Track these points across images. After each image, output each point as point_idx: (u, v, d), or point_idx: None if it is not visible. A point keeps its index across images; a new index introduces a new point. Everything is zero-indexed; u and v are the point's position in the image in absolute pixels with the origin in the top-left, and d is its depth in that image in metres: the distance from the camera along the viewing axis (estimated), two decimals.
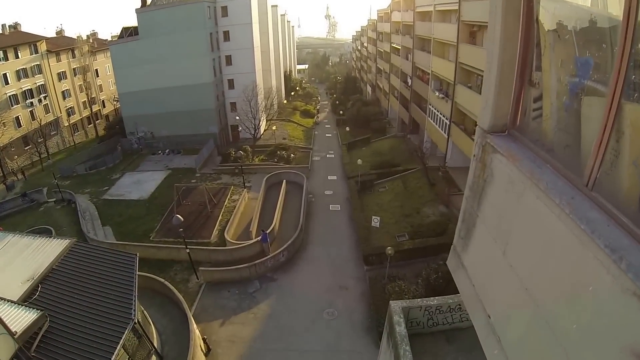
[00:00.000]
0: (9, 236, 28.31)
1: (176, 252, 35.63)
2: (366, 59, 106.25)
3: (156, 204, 47.83)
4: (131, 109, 70.89)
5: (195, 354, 23.88)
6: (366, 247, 32.09)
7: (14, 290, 22.14)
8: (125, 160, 65.99)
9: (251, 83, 64.73)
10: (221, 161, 60.31)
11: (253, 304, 29.92)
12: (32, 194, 55.57)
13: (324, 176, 53.71)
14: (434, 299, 12.10)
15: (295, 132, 75.72)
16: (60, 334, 20.01)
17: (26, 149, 74.84)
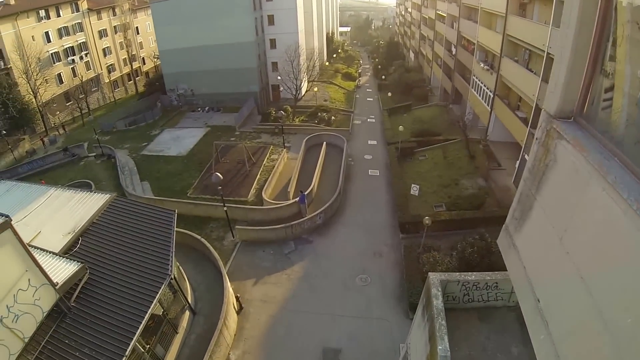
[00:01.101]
0: (52, 189, 28.96)
1: (213, 209, 36.10)
2: (410, 24, 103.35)
3: (194, 160, 48.42)
4: (171, 67, 71.52)
5: (228, 312, 24.33)
6: (403, 215, 31.84)
7: (56, 242, 22.90)
8: (164, 117, 67.10)
9: (293, 43, 64.10)
10: (261, 120, 60.51)
11: (287, 265, 30.09)
12: (73, 148, 57.28)
13: (364, 140, 53.16)
14: (471, 274, 11.93)
15: (336, 94, 74.91)
16: (99, 286, 20.72)
17: (68, 104, 77.35)
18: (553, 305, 4.34)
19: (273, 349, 23.62)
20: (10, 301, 16.44)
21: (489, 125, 41.47)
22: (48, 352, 17.88)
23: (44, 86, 68.99)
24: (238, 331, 25.07)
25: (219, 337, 22.67)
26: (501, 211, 29.91)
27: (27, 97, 67.32)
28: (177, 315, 24.23)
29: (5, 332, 16.22)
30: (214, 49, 65.99)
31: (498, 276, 11.65)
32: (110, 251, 22.80)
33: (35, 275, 17.48)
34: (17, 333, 16.74)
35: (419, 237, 28.67)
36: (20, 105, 65.15)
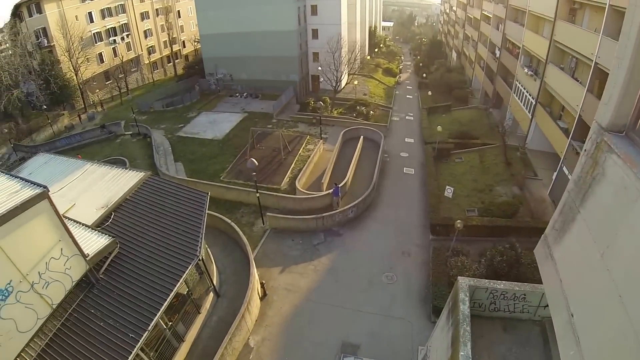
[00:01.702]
0: (88, 164, 29.71)
1: (245, 194, 36.39)
2: (454, 23, 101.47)
3: (230, 145, 48.84)
4: (211, 51, 72.17)
5: (252, 297, 24.53)
6: (435, 216, 31.49)
7: (89, 215, 23.52)
8: (202, 100, 67.88)
9: (336, 35, 63.69)
10: (299, 110, 60.59)
11: (315, 256, 30.12)
12: (110, 126, 58.87)
13: (401, 137, 52.62)
14: (500, 282, 11.79)
15: (376, 89, 74.40)
16: (128, 261, 21.25)
17: (107, 83, 79.65)
18: (587, 321, 4.27)
19: (292, 338, 23.72)
20: (42, 268, 17.02)
21: (528, 132, 40.45)
22: (74, 319, 18.47)
23: (85, 65, 71.49)
24: (260, 317, 25.27)
25: (241, 321, 22.94)
26: (534, 222, 29.41)
27: (69, 75, 69.93)
28: (201, 296, 24.65)
29: (35, 297, 16.82)
30: (255, 35, 66.24)
31: (527, 288, 11.51)
32: (141, 228, 23.29)
33: (67, 245, 18.03)
34: (46, 299, 17.33)
35: (449, 240, 28.37)
36: (61, 82, 67.81)
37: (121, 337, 17.83)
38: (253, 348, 23.36)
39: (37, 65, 66.52)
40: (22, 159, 50.77)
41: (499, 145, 41.86)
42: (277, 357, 22.77)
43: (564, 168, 29.27)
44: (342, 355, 22.27)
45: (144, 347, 18.81)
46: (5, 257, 15.52)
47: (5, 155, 56.85)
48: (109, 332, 18.05)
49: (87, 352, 17.38)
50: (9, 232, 15.55)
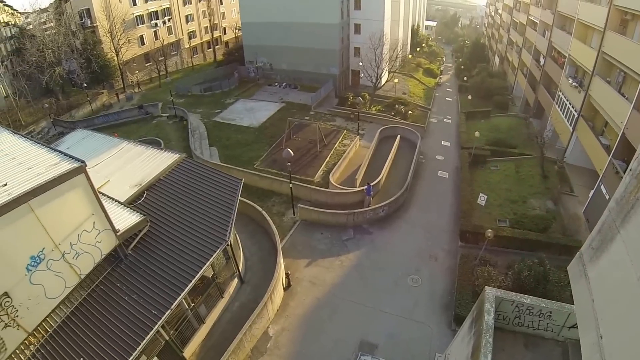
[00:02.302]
0: (124, 143, 30.56)
1: (278, 184, 36.70)
2: (499, 27, 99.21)
3: (266, 133, 49.13)
4: (252, 39, 72.58)
5: (276, 287, 24.79)
6: (466, 223, 31.03)
7: (122, 192, 24.25)
8: (240, 87, 68.49)
9: (378, 31, 63.22)
10: (337, 103, 60.52)
11: (342, 251, 30.20)
12: (148, 107, 60.20)
13: (437, 140, 52.20)
14: (527, 297, 11.61)
15: (415, 89, 73.94)
16: (157, 240, 21.80)
17: (147, 65, 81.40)
18: (616, 344, 4.20)
19: (312, 331, 23.92)
20: (74, 239, 17.67)
21: (568, 146, 39.28)
22: (100, 291, 19.15)
23: (126, 46, 73.51)
24: (282, 307, 25.52)
25: (263, 309, 23.26)
26: (565, 239, 28.71)
27: (110, 55, 71.95)
28: (225, 280, 25.07)
29: (65, 266, 17.51)
30: (297, 26, 66.28)
31: (553, 306, 11.30)
32: (172, 209, 23.81)
33: (100, 219, 18.61)
34: (75, 269, 18.02)
35: (478, 249, 28.08)
36: (102, 61, 69.89)
37: (144, 312, 18.38)
38: (272, 337, 23.58)
39: (80, 44, 68.66)
40: (60, 134, 52.60)
41: (536, 157, 41.05)
42: (295, 348, 22.92)
43: (602, 187, 28.19)
44: (359, 354, 22.34)
45: (165, 325, 19.33)
46: (40, 226, 16.18)
47: (44, 129, 58.83)
48: (133, 306, 18.63)
49: (109, 324, 18.03)
50: (45, 202, 16.18)
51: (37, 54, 62.22)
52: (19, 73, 63.54)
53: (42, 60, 62.79)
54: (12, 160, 18.45)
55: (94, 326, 17.99)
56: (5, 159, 18.66)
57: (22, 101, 63.70)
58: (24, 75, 63.54)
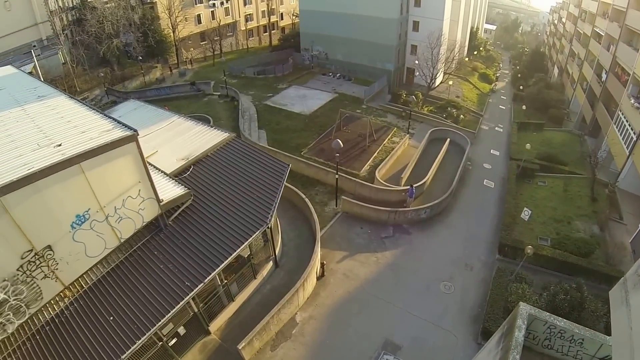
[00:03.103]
0: (175, 117, 31.49)
1: (323, 173, 36.95)
2: (561, 36, 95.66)
3: (316, 122, 49.30)
4: (309, 27, 72.97)
5: (310, 275, 25.07)
6: (506, 236, 30.49)
7: (169, 164, 25.11)
8: (294, 74, 68.84)
9: (437, 30, 62.55)
10: (390, 100, 60.20)
11: (380, 248, 30.20)
12: (200, 84, 61.28)
13: (487, 148, 51.32)
14: (561, 320, 11.21)
15: (469, 93, 72.87)
16: (198, 214, 22.49)
17: (202, 43, 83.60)
18: None
19: (338, 323, 24.10)
20: (119, 204, 18.52)
21: (622, 170, 38.08)
22: (137, 256, 20.04)
23: (183, 23, 75.88)
24: (312, 296, 25.80)
25: (294, 295, 23.61)
26: (607, 268, 27.71)
27: (166, 31, 74.27)
28: (260, 262, 25.53)
29: (107, 228, 18.38)
30: (355, 18, 66.11)
31: (587, 333, 10.94)
32: (217, 185, 24.50)
33: (145, 188, 19.39)
34: (116, 232, 18.88)
35: (515, 264, 27.70)
36: (158, 37, 72.41)
37: (177, 282, 19.08)
38: (298, 323, 23.92)
39: (138, 19, 71.37)
40: (113, 102, 54.90)
41: (587, 177, 40.03)
42: (319, 338, 23.23)
43: None
44: (382, 353, 22.46)
45: (195, 297, 19.97)
46: (89, 188, 17.03)
47: (98, 97, 61.29)
48: (167, 275, 19.36)
49: (142, 289, 18.86)
50: (96, 165, 16.98)
51: (96, 25, 64.86)
52: (77, 42, 66.38)
53: (100, 32, 65.31)
54: (67, 123, 19.42)
55: (127, 288, 18.87)
56: (61, 121, 19.67)
57: (79, 69, 66.37)
58: (83, 45, 66.16)
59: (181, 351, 21.32)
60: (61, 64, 64.74)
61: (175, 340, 20.60)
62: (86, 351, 16.60)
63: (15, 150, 16.91)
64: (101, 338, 17.11)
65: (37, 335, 16.98)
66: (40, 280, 16.79)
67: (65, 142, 17.25)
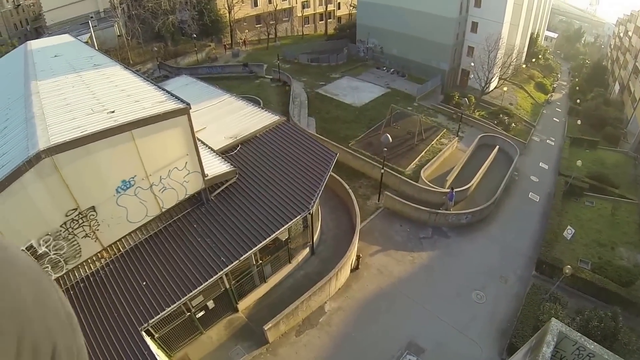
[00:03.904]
0: (226, 95, 32.11)
1: (369, 167, 37.22)
2: (625, 51, 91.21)
3: (366, 115, 49.34)
4: (366, 19, 72.54)
5: (345, 265, 25.37)
6: (545, 253, 29.90)
7: (217, 141, 25.61)
8: (348, 64, 68.81)
9: (496, 33, 60.60)
10: (442, 100, 59.40)
11: (417, 248, 30.29)
12: (253, 66, 62.09)
13: (536, 160, 50.09)
14: (592, 342, 11.03)
15: (523, 102, 71.02)
16: (241, 193, 22.98)
17: (257, 26, 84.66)
18: None
19: (366, 318, 24.29)
20: (165, 174, 19.14)
21: None
22: (176, 227, 20.63)
23: (239, 5, 77.07)
24: (344, 287, 26.11)
25: (326, 284, 23.93)
26: None
27: (222, 11, 75.88)
28: (297, 247, 25.87)
29: (150, 196, 19.05)
30: (413, 14, 65.29)
31: None
32: (262, 167, 24.91)
33: (192, 161, 19.93)
34: (158, 201, 19.54)
35: (551, 283, 27.23)
36: (214, 16, 74.30)
37: (213, 257, 19.61)
38: (326, 312, 24.27)
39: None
40: (165, 77, 56.76)
41: (637, 203, 38.85)
42: (345, 329, 23.48)
43: None
44: (405, 353, 22.58)
45: (229, 273, 20.44)
46: (137, 155, 17.64)
47: (150, 70, 63.16)
48: (204, 249, 19.90)
49: (177, 259, 19.46)
50: (146, 134, 17.55)
51: (153, 1, 66.89)
52: (134, 16, 68.56)
53: (157, 7, 67.51)
54: (121, 91, 20.20)
55: (162, 257, 19.49)
56: (115, 89, 20.50)
57: (133, 42, 69.25)
58: (138, 19, 68.61)
59: (207, 324, 22.02)
60: (116, 36, 67.40)
61: (203, 313, 21.19)
62: (116, 311, 17.39)
63: (70, 114, 17.61)
64: (132, 301, 17.82)
65: (71, 291, 17.77)
66: (81, 238, 17.51)
67: (118, 110, 17.91)
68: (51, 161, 15.23)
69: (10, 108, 20.35)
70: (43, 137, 15.49)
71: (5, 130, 18.18)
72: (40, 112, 17.60)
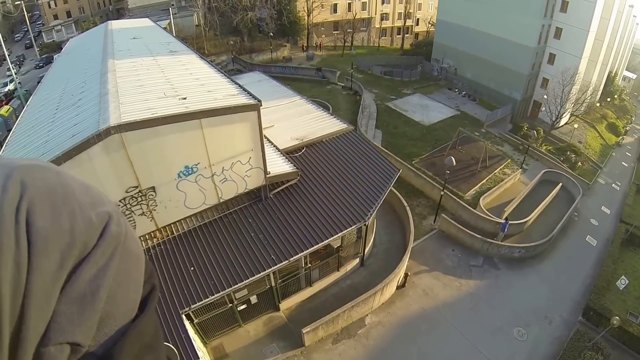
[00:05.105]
0: (297, 97, 32.73)
1: (429, 187, 37.45)
2: None
3: (433, 135, 49.54)
4: (444, 38, 72.61)
5: (392, 281, 25.60)
6: (595, 300, 29.24)
7: (283, 141, 26.05)
8: (420, 82, 68.82)
9: (573, 67, 59.16)
10: (510, 130, 58.83)
11: (465, 275, 30.09)
12: (326, 71, 62.86)
13: (598, 203, 48.82)
14: None
15: (593, 141, 69.14)
16: (300, 194, 23.34)
17: (334, 32, 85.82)
18: None
19: (404, 336, 24.33)
20: (227, 166, 19.69)
21: None
22: (231, 219, 21.25)
23: (319, 9, 78.09)
24: (387, 303, 26.18)
25: (371, 297, 24.00)
26: None
27: (301, 13, 77.57)
28: (347, 257, 25.90)
29: (210, 185, 19.65)
30: (492, 39, 64.88)
31: None
32: (324, 172, 25.26)
33: (256, 157, 20.42)
34: (218, 191, 20.11)
35: (596, 332, 26.45)
36: (293, 17, 76.07)
37: (263, 253, 19.98)
38: (366, 325, 24.39)
39: None
40: (238, 71, 58.89)
41: None
42: (382, 345, 23.60)
43: None
44: None
45: (276, 272, 20.81)
46: (203, 144, 18.26)
47: (223, 62, 65.45)
48: (255, 244, 20.36)
49: (228, 250, 20.06)
50: (215, 124, 18.16)
51: None
52: (213, 8, 71.44)
53: (238, 3, 69.95)
54: (195, 80, 21.02)
55: (213, 246, 20.07)
56: (190, 77, 21.36)
57: (210, 33, 71.93)
58: (218, 11, 71.21)
59: (247, 318, 22.47)
60: (194, 25, 70.45)
61: (245, 307, 21.55)
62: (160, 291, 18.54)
63: (143, 95, 18.23)
64: (177, 283, 18.33)
65: None
66: (137, 216, 17.96)
67: (190, 97, 18.45)
68: (120, 138, 15.67)
69: (87, 82, 21.40)
70: (115, 113, 16.01)
71: (79, 102, 19.07)
72: (114, 89, 18.25)
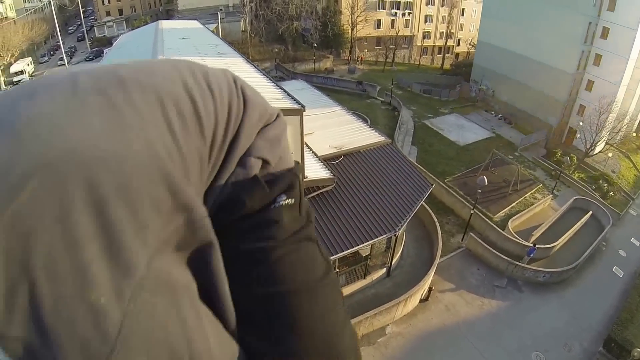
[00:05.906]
0: (338, 107, 33.83)
1: (460, 206, 38.03)
2: None
3: (466, 155, 50.12)
4: (484, 60, 72.29)
5: (416, 294, 26.27)
6: (617, 331, 29.08)
7: (322, 148, 26.59)
8: (458, 102, 69.04)
9: (610, 95, 57.77)
10: (544, 155, 58.31)
11: (488, 294, 30.28)
12: (366, 85, 63.91)
13: (628, 234, 47.50)
14: None
15: (627, 172, 67.23)
16: (334, 201, 23.80)
17: (376, 48, 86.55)
18: None
19: (422, 349, 24.68)
20: None
21: None
22: None
23: (363, 24, 79.68)
24: (409, 314, 26.65)
25: (394, 307, 24.66)
26: None
27: (345, 27, 79.02)
28: (374, 266, 26.59)
29: None
30: (531, 63, 64.29)
31: None
32: (359, 181, 25.82)
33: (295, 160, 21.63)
34: None
35: None
36: (337, 30, 77.56)
37: None
38: (386, 335, 24.85)
39: (321, 9, 77.57)
40: (280, 78, 60.13)
41: None
42: (400, 355, 24.06)
43: None
44: None
45: None
46: None
47: (267, 69, 66.75)
48: None
49: None
50: None
51: (281, 5, 72.26)
52: (260, 15, 74.08)
53: (284, 12, 72.34)
54: None
55: None
56: None
57: (255, 39, 73.99)
58: (264, 19, 73.69)
59: None
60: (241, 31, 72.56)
61: None
62: None
63: None
64: None
65: None
66: None
67: None
68: None
69: None
70: None
71: None
72: None
